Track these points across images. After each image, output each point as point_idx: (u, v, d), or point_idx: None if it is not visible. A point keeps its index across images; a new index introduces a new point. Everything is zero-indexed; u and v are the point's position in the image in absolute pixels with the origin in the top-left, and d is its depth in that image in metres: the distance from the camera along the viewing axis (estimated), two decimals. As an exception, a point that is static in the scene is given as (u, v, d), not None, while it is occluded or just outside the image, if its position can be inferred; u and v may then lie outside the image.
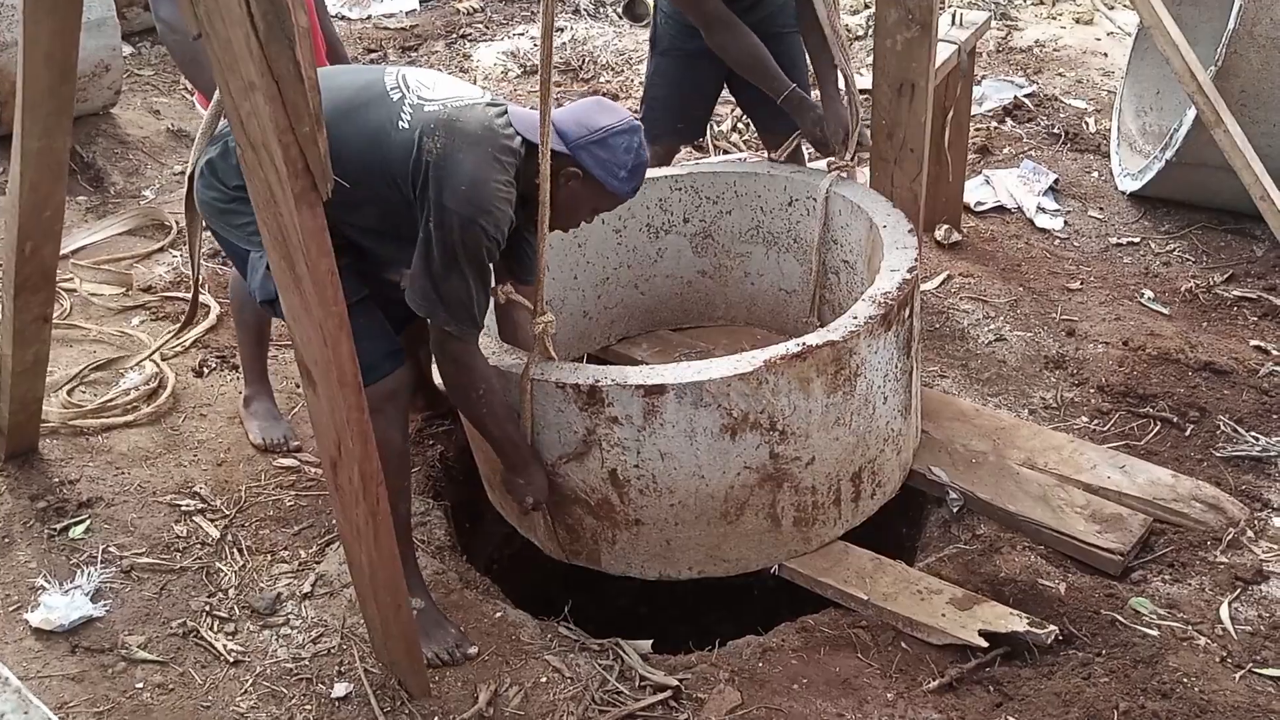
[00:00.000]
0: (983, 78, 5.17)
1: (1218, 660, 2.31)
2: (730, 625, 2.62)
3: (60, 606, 2.49)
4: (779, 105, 3.08)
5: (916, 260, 2.63)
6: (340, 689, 2.36)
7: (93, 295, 3.71)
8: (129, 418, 3.13)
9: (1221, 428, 3.01)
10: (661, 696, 2.33)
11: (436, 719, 2.29)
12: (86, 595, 2.54)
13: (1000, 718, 2.25)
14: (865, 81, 3.18)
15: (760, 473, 2.42)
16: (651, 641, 2.50)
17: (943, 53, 3.52)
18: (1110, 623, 2.42)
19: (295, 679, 2.39)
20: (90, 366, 3.32)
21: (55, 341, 2.93)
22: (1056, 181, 4.38)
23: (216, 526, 2.79)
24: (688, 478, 2.41)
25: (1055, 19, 6.10)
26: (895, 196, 2.99)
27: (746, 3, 3.20)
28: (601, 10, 6.52)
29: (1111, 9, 6.02)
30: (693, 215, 3.24)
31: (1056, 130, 4.82)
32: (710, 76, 3.34)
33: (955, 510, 2.75)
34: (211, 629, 2.50)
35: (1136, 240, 4.04)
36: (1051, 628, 2.37)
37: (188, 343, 3.48)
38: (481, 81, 5.72)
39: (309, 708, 2.32)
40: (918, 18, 2.82)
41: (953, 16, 3.85)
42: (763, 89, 3.11)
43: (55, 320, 2.96)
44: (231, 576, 2.65)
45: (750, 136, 4.91)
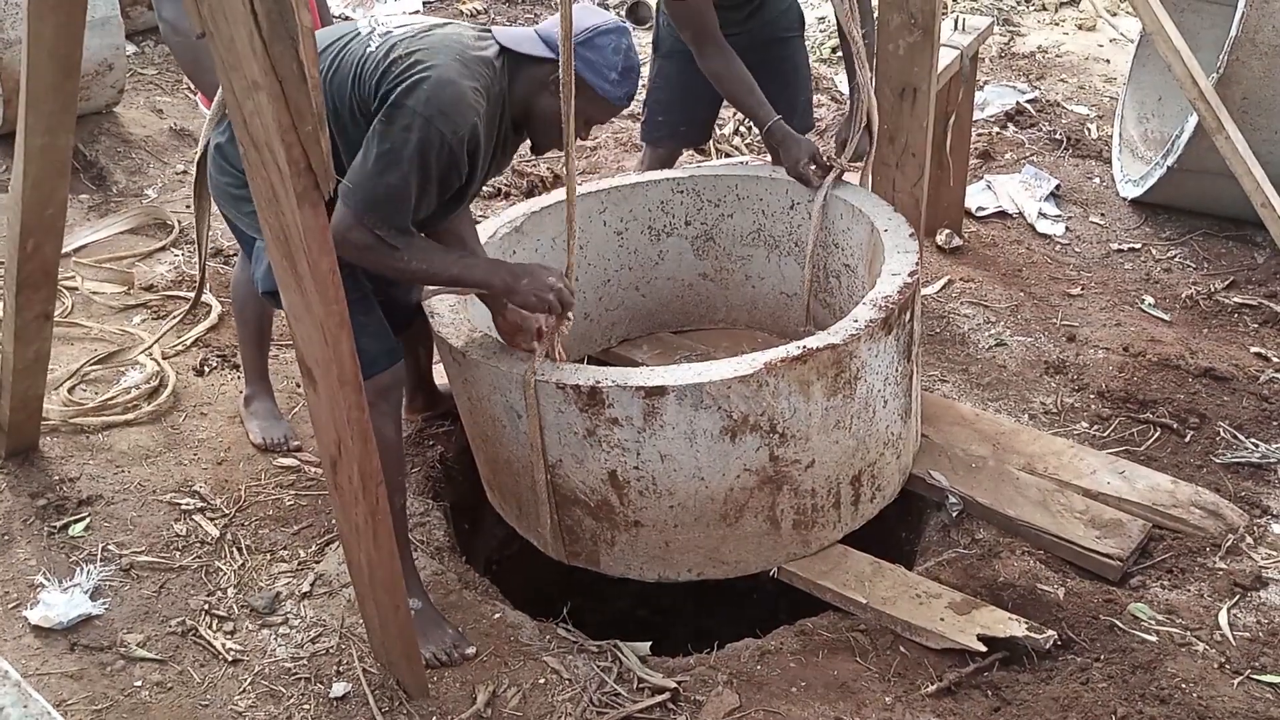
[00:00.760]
0: (985, 83, 5.18)
1: (1216, 666, 2.31)
2: (729, 628, 2.63)
3: (59, 604, 2.50)
4: (764, 135, 3.08)
5: (917, 264, 2.63)
6: (339, 689, 2.36)
7: (94, 293, 3.72)
8: (129, 416, 3.14)
9: (1221, 434, 3.01)
10: (660, 699, 2.33)
11: (435, 719, 2.29)
12: (86, 593, 2.55)
13: (998, 722, 2.26)
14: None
15: (760, 475, 2.43)
16: (650, 643, 2.50)
17: (945, 58, 3.52)
18: (1109, 628, 2.42)
19: (294, 678, 2.39)
20: (90, 362, 3.32)
21: (56, 339, 2.94)
22: (1058, 187, 4.39)
23: (216, 525, 2.79)
24: (687, 479, 2.41)
25: (1058, 25, 6.11)
26: (897, 201, 3.00)
27: (751, 8, 3.21)
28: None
29: (1114, 15, 6.03)
30: (694, 218, 3.24)
31: (1058, 136, 4.82)
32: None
33: (954, 514, 2.75)
34: (210, 628, 2.50)
35: (1137, 246, 4.05)
36: (1050, 633, 2.37)
37: (189, 341, 3.48)
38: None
39: (307, 707, 2.32)
40: (920, 23, 2.83)
41: (955, 22, 3.86)
42: (748, 118, 3.11)
43: (56, 318, 2.97)
44: (231, 575, 2.65)
45: (753, 140, 4.91)
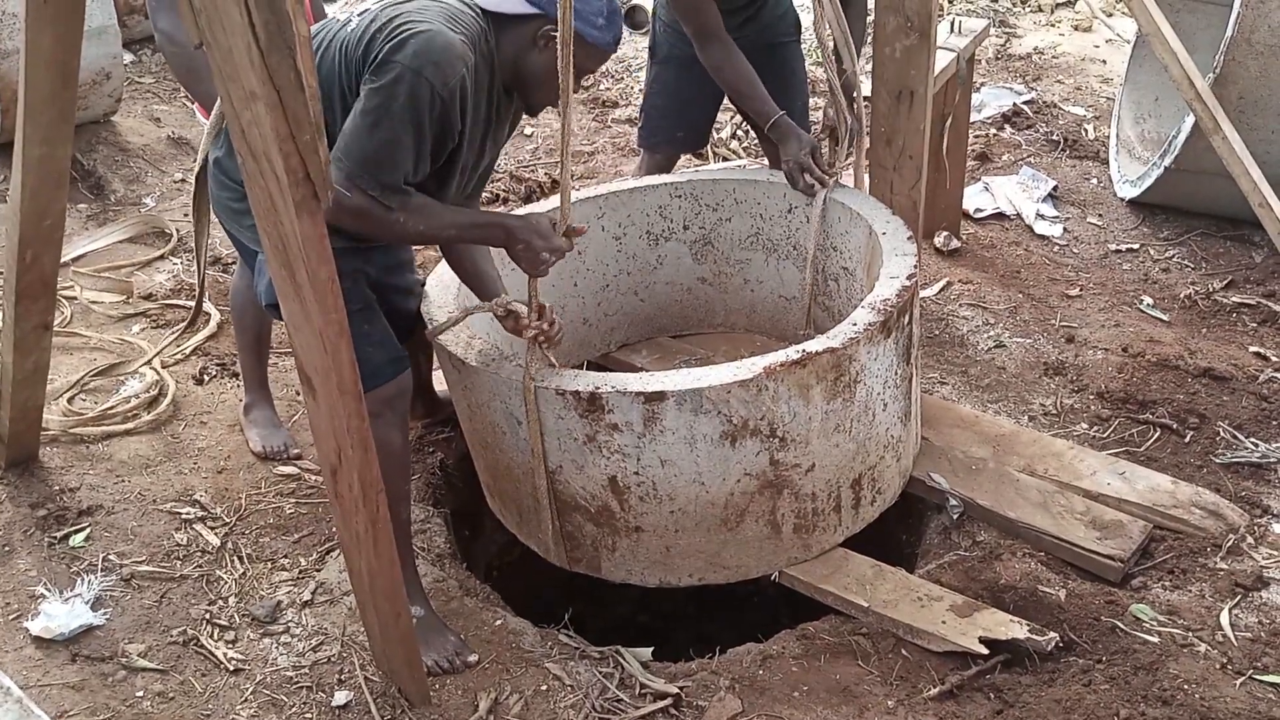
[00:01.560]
0: (982, 85, 5.19)
1: (1218, 667, 2.31)
2: (730, 633, 2.62)
3: (60, 615, 2.50)
4: (765, 131, 3.08)
5: (916, 267, 2.63)
6: (340, 697, 2.35)
7: (93, 303, 3.72)
8: (129, 425, 3.14)
9: (1221, 434, 3.01)
10: (662, 704, 2.33)
11: (437, 727, 2.29)
12: (87, 603, 2.54)
13: (1001, 725, 2.25)
14: (865, 88, 3.18)
15: (760, 479, 2.43)
16: (652, 649, 2.50)
17: (942, 60, 3.53)
18: (1110, 629, 2.41)
19: (295, 687, 2.39)
20: (91, 373, 3.32)
21: (55, 349, 2.94)
22: (1055, 188, 4.39)
23: (217, 534, 2.79)
24: (688, 484, 2.41)
25: (1054, 26, 6.11)
26: (894, 203, 3.00)
27: (748, 13, 3.21)
28: (601, 18, 6.54)
29: (1110, 16, 6.04)
30: (692, 222, 3.24)
31: (1055, 137, 4.83)
32: (710, 84, 3.34)
33: (955, 517, 2.75)
34: (212, 637, 2.50)
35: (1135, 247, 4.05)
36: (1052, 635, 2.37)
37: (188, 350, 3.48)
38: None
39: (309, 716, 2.32)
40: (917, 25, 2.83)
41: (952, 24, 3.87)
42: (750, 113, 3.11)
43: (55, 328, 2.97)
44: (231, 584, 2.65)
45: (750, 144, 4.92)
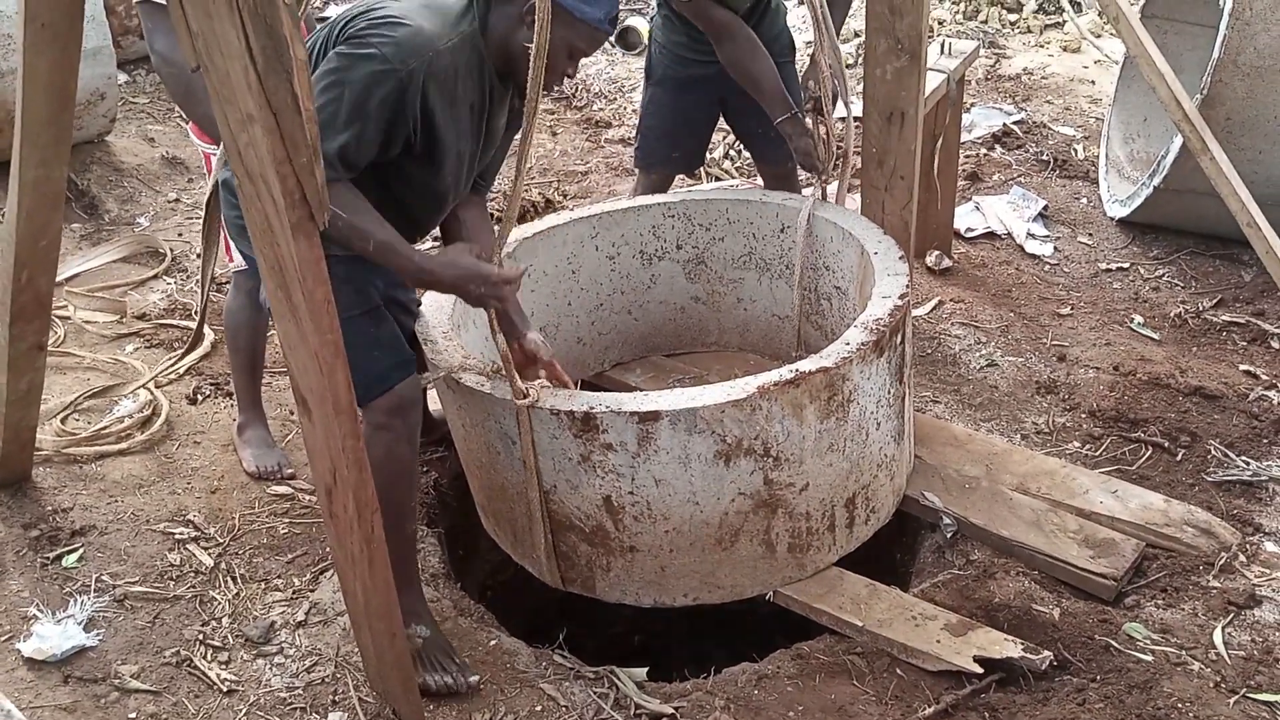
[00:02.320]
0: (972, 105, 5.23)
1: (1212, 685, 2.32)
2: (725, 652, 2.62)
3: (53, 636, 2.49)
4: (775, 127, 3.08)
5: (908, 286, 2.65)
6: (334, 718, 2.35)
7: (87, 322, 3.72)
8: (122, 445, 3.13)
9: (1212, 452, 3.03)
10: (657, 724, 2.33)
11: (431, 748, 2.29)
12: (79, 624, 2.54)
13: (996, 744, 2.26)
14: (856, 109, 3.21)
15: (754, 499, 2.43)
16: (647, 669, 2.50)
17: (932, 81, 3.55)
18: (1104, 648, 2.42)
19: (289, 708, 2.38)
20: (85, 395, 3.32)
21: (49, 369, 2.94)
22: (1046, 208, 4.42)
23: (210, 554, 2.79)
24: (682, 504, 2.41)
25: (1043, 48, 6.17)
26: (886, 223, 3.02)
27: None
28: (594, 39, 6.58)
29: (1098, 38, 6.10)
30: (685, 242, 3.26)
31: (1045, 157, 4.86)
32: (705, 105, 3.37)
33: (949, 536, 2.76)
34: (205, 658, 2.49)
35: (1126, 266, 4.08)
36: (1046, 653, 2.38)
37: (182, 370, 3.48)
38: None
39: (303, 737, 2.31)
40: (907, 47, 2.86)
41: (942, 45, 3.90)
42: (763, 106, 3.10)
43: (49, 348, 2.96)
44: (225, 605, 2.64)
45: (743, 163, 4.95)
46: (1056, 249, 4.19)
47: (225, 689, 2.42)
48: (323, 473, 2.03)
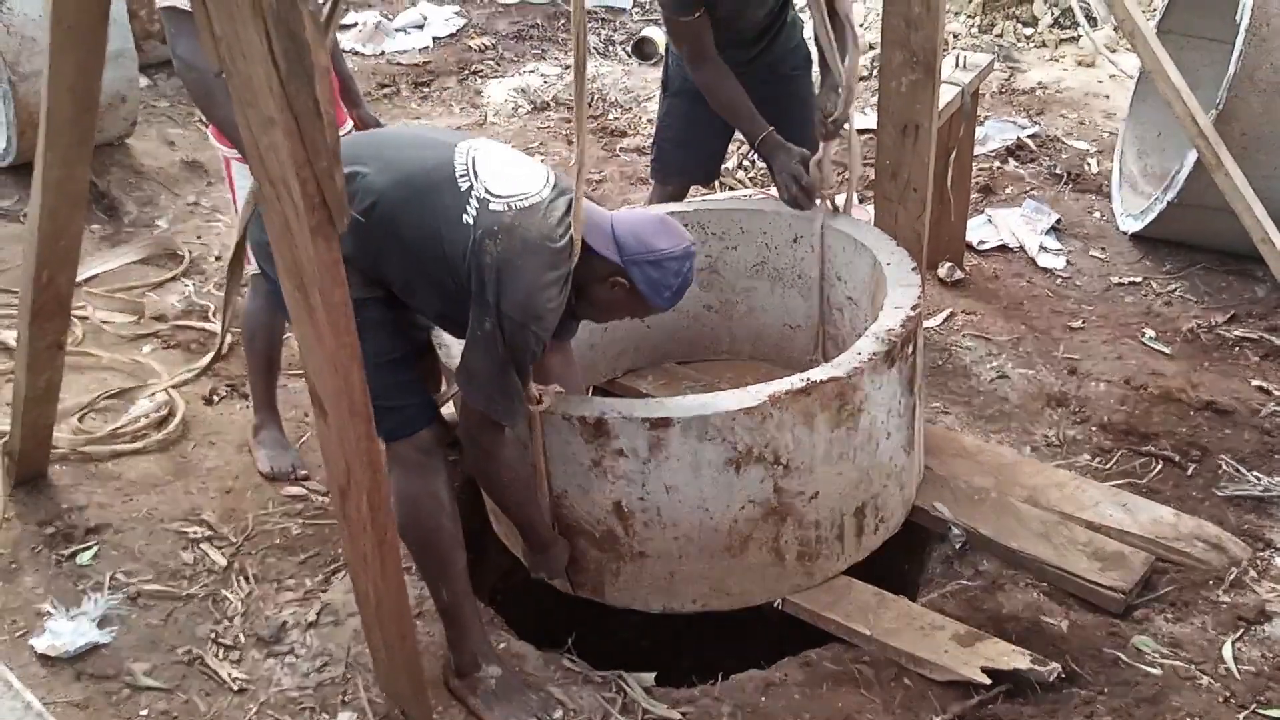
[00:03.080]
0: (986, 118, 5.23)
1: (1221, 700, 2.31)
2: (733, 659, 2.63)
3: (66, 632, 2.51)
4: (755, 148, 3.11)
5: (920, 298, 2.66)
6: (344, 719, 2.36)
7: (105, 323, 3.75)
8: (138, 445, 3.16)
9: (1224, 467, 3.02)
10: (664, 730, 2.34)
11: (439, 750, 2.30)
12: (93, 621, 2.56)
13: (1002, 755, 2.25)
14: (870, 122, 3.22)
15: (764, 507, 2.44)
16: (655, 674, 2.51)
17: (946, 94, 3.57)
18: (1113, 661, 2.42)
19: (299, 708, 2.40)
20: (103, 395, 3.35)
21: (66, 368, 2.96)
22: (1058, 221, 4.42)
23: (223, 554, 2.81)
24: (692, 511, 2.42)
25: (1058, 61, 6.17)
26: (899, 234, 3.03)
27: (761, 44, 3.26)
28: (610, 48, 6.62)
29: (1114, 52, 6.09)
30: (699, 250, 3.26)
31: (1059, 171, 4.87)
32: (722, 117, 3.38)
33: (958, 546, 2.76)
34: (217, 657, 2.51)
35: (1138, 280, 4.07)
36: (1054, 665, 2.38)
37: (198, 371, 3.51)
38: (492, 117, 5.79)
39: (312, 737, 2.33)
40: (922, 60, 2.87)
41: (956, 59, 3.91)
42: (740, 131, 3.16)
43: (67, 348, 2.99)
44: (237, 604, 2.66)
45: (757, 174, 4.96)
46: (1069, 262, 4.19)
47: (236, 688, 2.43)
48: (337, 474, 2.05)
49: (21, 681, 2.37)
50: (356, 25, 6.81)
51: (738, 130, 3.19)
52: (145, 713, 2.38)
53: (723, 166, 4.89)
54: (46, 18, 2.27)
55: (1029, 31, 6.51)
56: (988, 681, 2.35)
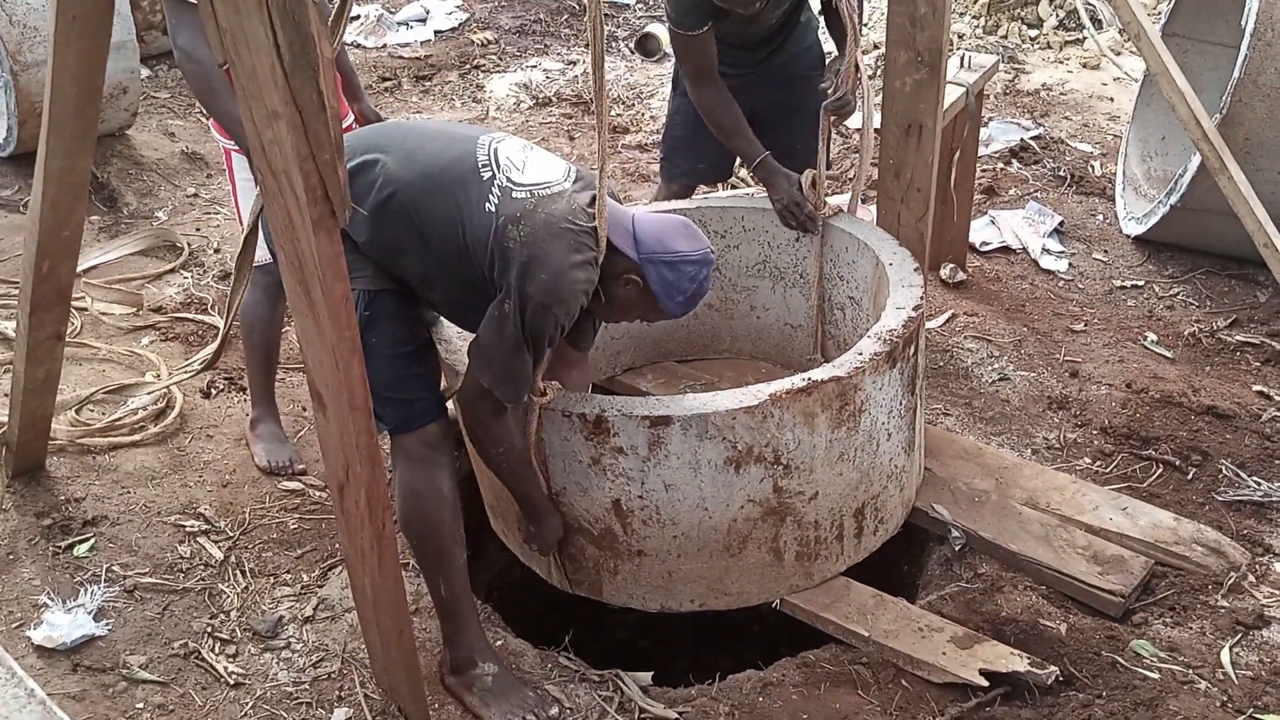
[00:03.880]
0: (990, 120, 5.23)
1: (1218, 705, 2.31)
2: (730, 659, 2.62)
3: (63, 625, 2.50)
4: (752, 170, 3.10)
5: (922, 298, 2.65)
6: (340, 714, 2.36)
7: (103, 314, 3.74)
8: (136, 437, 3.15)
9: (1224, 472, 3.02)
10: (661, 729, 2.33)
11: (435, 746, 2.29)
12: (89, 614, 2.55)
13: (1000, 758, 2.25)
14: (875, 121, 3.21)
15: (763, 506, 2.44)
16: (652, 674, 2.50)
17: (951, 95, 3.56)
18: (1111, 664, 2.42)
19: (295, 703, 2.39)
20: (102, 389, 3.33)
21: (65, 360, 2.95)
22: (1062, 223, 4.41)
23: (220, 548, 2.80)
24: (691, 509, 2.42)
25: (1062, 63, 6.16)
26: (901, 235, 3.03)
27: (772, 46, 3.25)
28: (613, 45, 6.61)
29: (1118, 55, 6.09)
30: (701, 249, 3.26)
31: (1062, 173, 4.86)
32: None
33: (957, 548, 2.75)
34: (213, 650, 2.51)
35: (1140, 283, 4.07)
36: (1052, 668, 2.37)
37: (201, 366, 3.50)
38: (494, 112, 5.78)
39: (308, 732, 2.32)
40: (927, 60, 2.87)
41: (961, 59, 3.91)
42: (736, 153, 3.14)
43: (66, 339, 2.99)
44: (234, 598, 2.65)
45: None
46: (1071, 265, 4.18)
47: (232, 682, 2.43)
48: (336, 469, 2.04)
49: (22, 670, 2.37)
50: (358, 18, 6.80)
51: (735, 152, 3.17)
52: (141, 705, 2.37)
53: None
54: (50, 8, 2.26)
55: (1034, 33, 6.50)
56: (986, 684, 2.35)
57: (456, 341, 2.58)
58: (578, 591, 2.65)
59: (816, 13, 3.30)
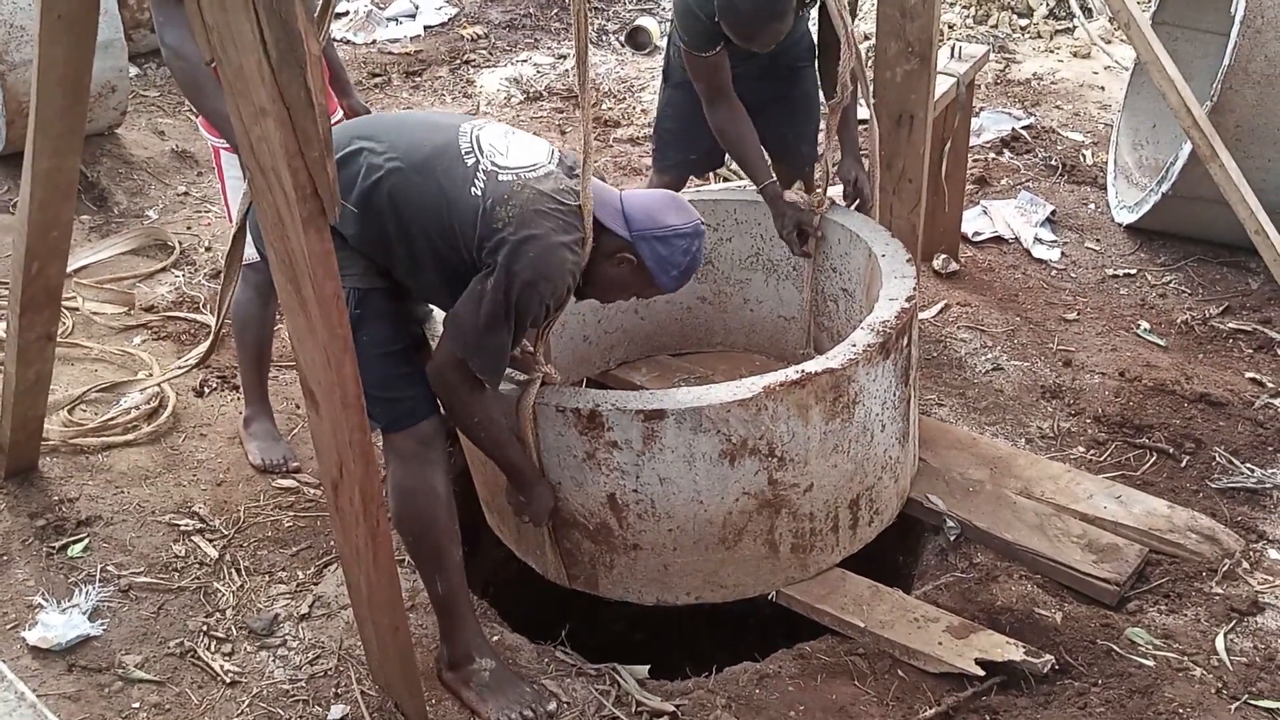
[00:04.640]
0: (981, 109, 5.22)
1: (1213, 691, 2.32)
2: (727, 652, 2.62)
3: (58, 625, 2.50)
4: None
5: (915, 289, 2.65)
6: (336, 711, 2.35)
7: (95, 314, 3.73)
8: (129, 437, 3.14)
9: (1217, 459, 3.03)
10: (658, 722, 2.33)
11: (433, 742, 2.29)
12: (84, 614, 2.55)
13: (996, 747, 2.26)
14: (865, 113, 3.21)
15: (758, 499, 2.44)
16: (648, 667, 2.50)
17: (941, 85, 3.56)
18: (1106, 653, 2.42)
19: (292, 700, 2.39)
20: (94, 388, 3.32)
21: (56, 360, 2.94)
22: (1053, 213, 4.42)
23: (215, 547, 2.80)
24: (686, 503, 2.42)
25: (1053, 53, 6.16)
26: (894, 226, 3.03)
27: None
28: (604, 38, 6.59)
29: (1108, 44, 6.09)
30: (693, 242, 3.26)
31: (1054, 162, 4.86)
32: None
33: (952, 539, 2.76)
34: (208, 649, 2.50)
35: (1133, 272, 4.08)
36: (1048, 657, 2.38)
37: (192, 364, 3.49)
38: (485, 107, 5.76)
39: (305, 729, 2.32)
40: (917, 51, 2.87)
41: (952, 49, 3.90)
42: (745, 174, 3.14)
43: (57, 339, 2.97)
44: (229, 597, 2.65)
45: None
46: (1064, 254, 4.19)
47: (228, 680, 2.43)
48: (329, 466, 2.04)
49: (13, 674, 2.37)
50: (347, 13, 6.78)
51: (744, 172, 3.16)
52: (137, 705, 2.37)
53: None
54: (36, 7, 2.25)
55: (1024, 22, 6.50)
56: (981, 673, 2.35)
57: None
58: (574, 586, 2.65)
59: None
